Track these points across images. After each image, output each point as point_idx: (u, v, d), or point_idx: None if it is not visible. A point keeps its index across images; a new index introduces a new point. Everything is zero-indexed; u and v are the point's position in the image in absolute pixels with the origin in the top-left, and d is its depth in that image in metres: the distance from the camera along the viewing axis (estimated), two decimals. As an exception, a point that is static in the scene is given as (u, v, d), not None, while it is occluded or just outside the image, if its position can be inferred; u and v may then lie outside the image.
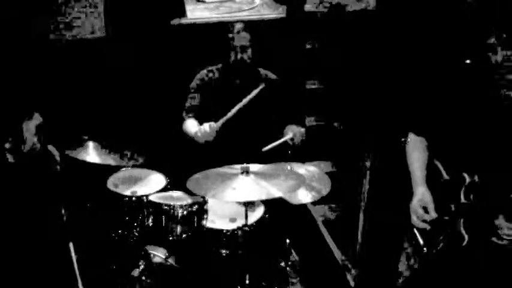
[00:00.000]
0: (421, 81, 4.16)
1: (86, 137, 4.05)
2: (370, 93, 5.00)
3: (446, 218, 3.20)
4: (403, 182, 3.61)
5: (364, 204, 4.37)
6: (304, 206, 4.21)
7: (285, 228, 4.06)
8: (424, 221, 3.20)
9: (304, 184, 3.73)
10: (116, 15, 5.28)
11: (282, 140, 4.16)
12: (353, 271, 4.40)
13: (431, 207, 3.20)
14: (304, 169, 4.01)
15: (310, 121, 5.60)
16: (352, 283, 4.34)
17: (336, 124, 5.63)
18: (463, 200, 3.17)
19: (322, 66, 5.57)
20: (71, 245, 3.47)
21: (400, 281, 3.66)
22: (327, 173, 4.06)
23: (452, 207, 3.20)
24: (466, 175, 3.16)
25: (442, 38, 4.28)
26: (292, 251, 4.17)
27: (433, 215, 3.19)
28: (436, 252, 3.22)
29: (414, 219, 3.23)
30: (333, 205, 5.16)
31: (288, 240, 4.03)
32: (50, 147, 3.62)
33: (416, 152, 3.36)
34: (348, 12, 5.58)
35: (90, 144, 4.03)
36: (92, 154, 3.99)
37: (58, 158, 3.63)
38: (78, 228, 4.18)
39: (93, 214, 4.13)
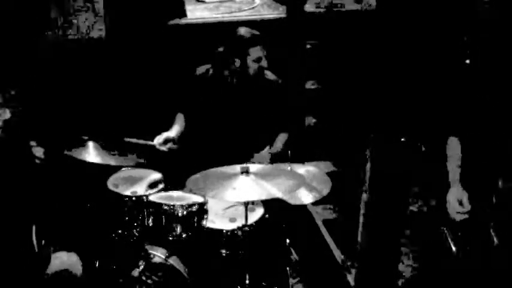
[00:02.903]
0: (421, 82, 4.16)
1: (86, 137, 4.05)
2: (370, 93, 5.00)
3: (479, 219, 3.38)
4: (403, 181, 3.61)
5: (364, 205, 4.37)
6: (304, 206, 4.21)
7: (285, 228, 4.06)
8: (459, 212, 3.43)
9: (304, 184, 3.73)
10: (115, 16, 5.28)
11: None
12: (353, 271, 4.40)
13: (465, 200, 3.43)
14: (304, 169, 4.01)
15: (310, 121, 5.61)
16: (352, 283, 4.34)
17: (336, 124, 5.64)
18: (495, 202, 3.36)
19: (322, 66, 5.56)
20: (33, 228, 3.43)
21: (400, 281, 3.67)
22: (327, 173, 4.06)
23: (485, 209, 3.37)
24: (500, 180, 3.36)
25: (442, 39, 4.28)
26: (292, 251, 4.17)
27: (467, 206, 3.42)
28: (465, 254, 3.41)
29: (451, 211, 3.45)
30: (333, 205, 5.15)
31: (288, 240, 4.03)
32: (33, 143, 3.64)
33: (452, 151, 3.55)
34: (348, 12, 5.58)
35: (91, 144, 4.03)
36: (92, 154, 3.99)
37: (40, 154, 3.64)
38: (78, 228, 4.19)
39: (93, 214, 4.13)
